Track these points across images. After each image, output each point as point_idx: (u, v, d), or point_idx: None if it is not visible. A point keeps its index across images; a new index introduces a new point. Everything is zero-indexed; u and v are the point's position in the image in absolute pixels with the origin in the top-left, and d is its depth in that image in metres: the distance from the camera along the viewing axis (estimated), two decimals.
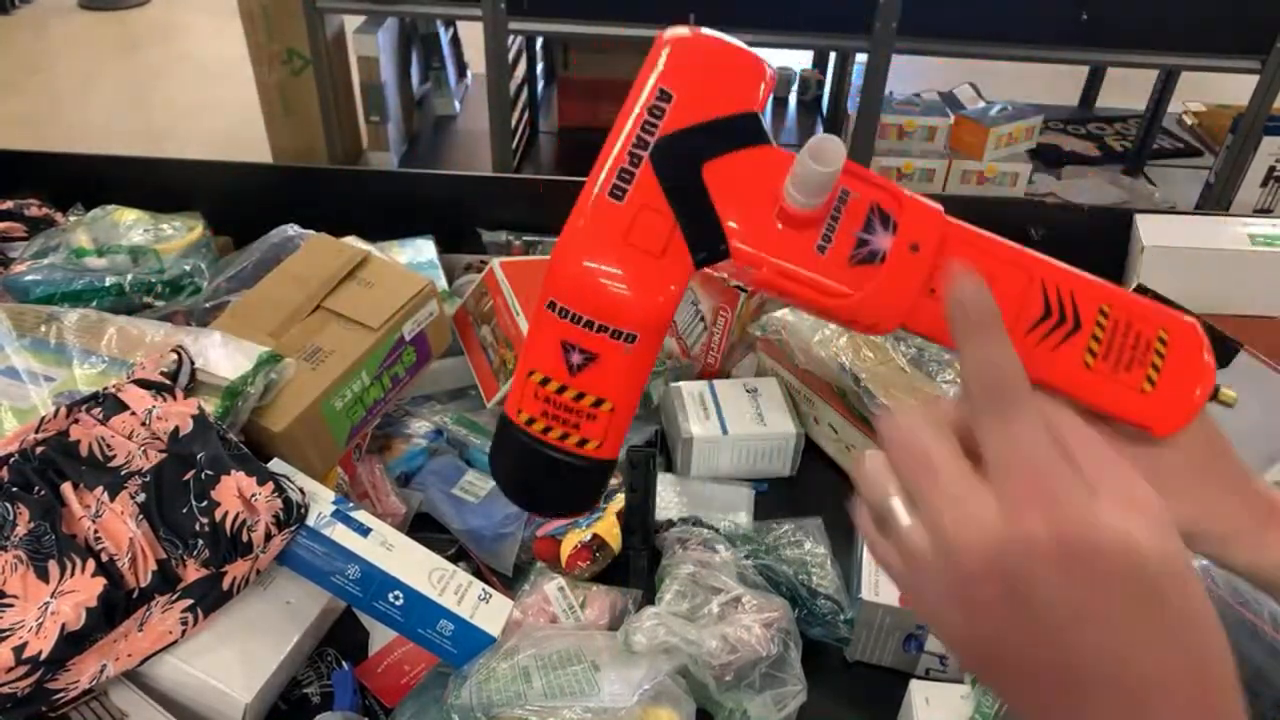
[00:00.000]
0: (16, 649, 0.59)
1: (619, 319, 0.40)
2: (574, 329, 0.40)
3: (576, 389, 0.42)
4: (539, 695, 0.66)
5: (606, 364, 0.41)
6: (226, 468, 0.68)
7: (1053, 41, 1.85)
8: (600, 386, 0.41)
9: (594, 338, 0.40)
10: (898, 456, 0.36)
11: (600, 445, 0.43)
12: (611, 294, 0.40)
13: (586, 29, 1.91)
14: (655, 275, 0.40)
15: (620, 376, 0.42)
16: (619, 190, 0.41)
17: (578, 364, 0.41)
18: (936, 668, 0.77)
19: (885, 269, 0.41)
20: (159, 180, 1.17)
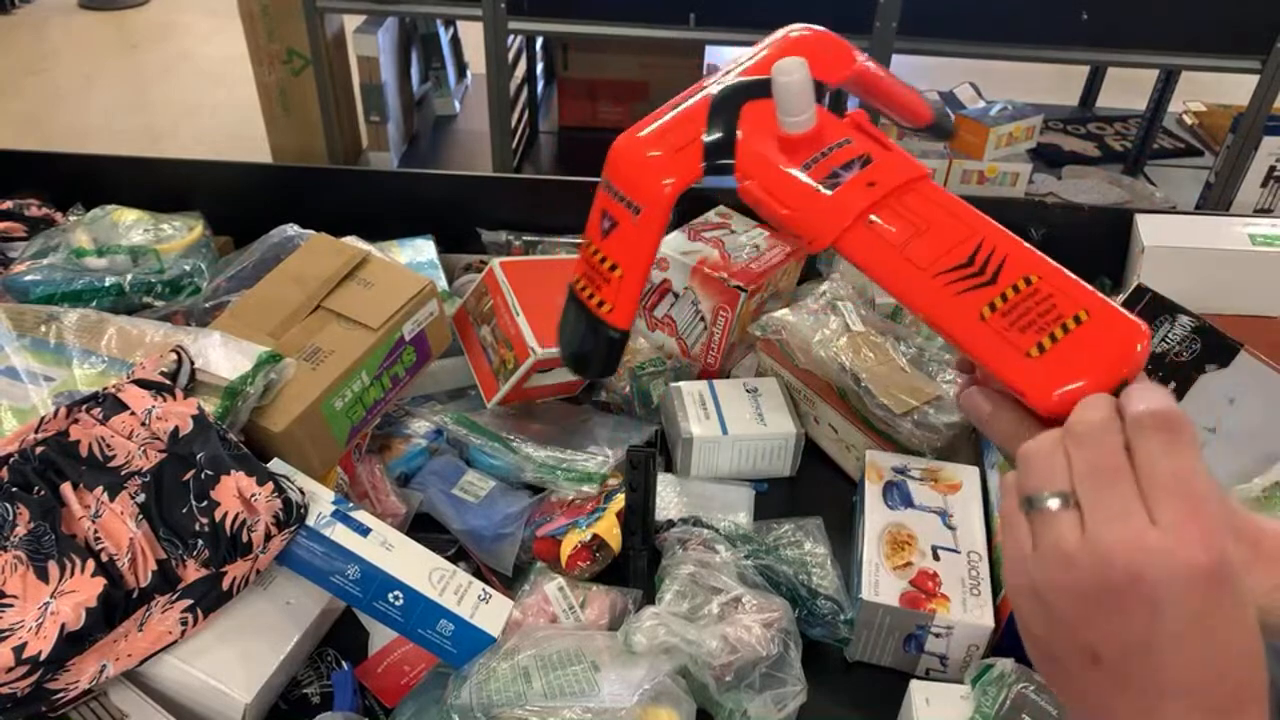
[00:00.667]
0: (16, 649, 0.59)
1: (635, 189, 0.52)
2: (610, 199, 0.53)
3: (602, 252, 0.54)
4: (539, 695, 0.66)
5: (621, 230, 0.52)
6: (226, 468, 0.68)
7: (1053, 41, 1.85)
8: (615, 250, 0.53)
9: (617, 206, 0.53)
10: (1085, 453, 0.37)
11: (612, 310, 0.54)
12: (637, 166, 0.52)
13: (586, 29, 1.91)
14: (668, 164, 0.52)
15: (627, 243, 0.53)
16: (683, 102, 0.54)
17: (605, 229, 0.53)
18: (936, 668, 0.77)
19: (838, 192, 0.49)
20: (159, 180, 1.17)
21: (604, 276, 0.53)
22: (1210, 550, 0.34)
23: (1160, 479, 0.35)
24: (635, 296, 0.54)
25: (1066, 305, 0.43)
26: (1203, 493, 0.35)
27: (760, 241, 1.06)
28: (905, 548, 0.78)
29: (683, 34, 1.86)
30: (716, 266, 1.01)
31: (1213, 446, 0.85)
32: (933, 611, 0.74)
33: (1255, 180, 2.08)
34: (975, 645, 0.75)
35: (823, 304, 1.00)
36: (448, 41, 2.61)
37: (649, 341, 1.06)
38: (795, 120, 0.50)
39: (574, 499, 0.86)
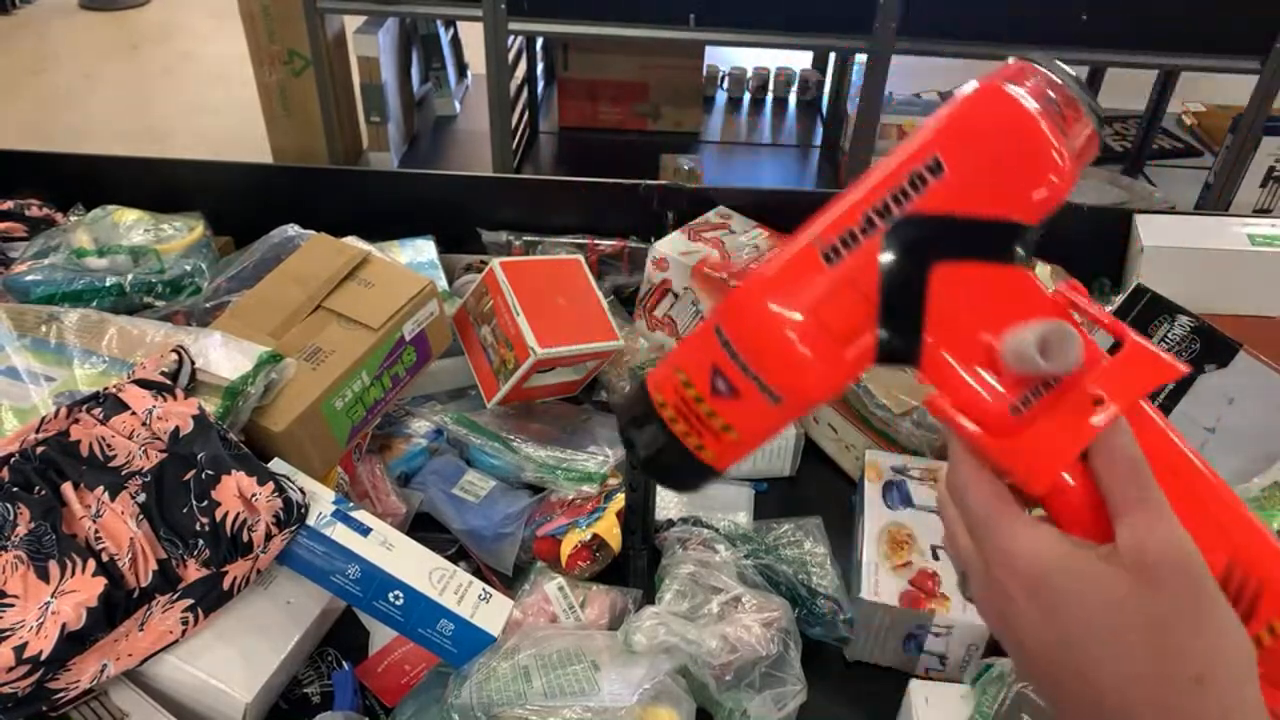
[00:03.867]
0: (17, 649, 0.59)
1: (775, 378, 0.38)
2: (729, 362, 0.39)
3: (711, 407, 0.40)
4: (539, 695, 0.66)
5: (746, 405, 0.39)
6: (227, 468, 0.68)
7: (1053, 41, 1.85)
8: (733, 418, 0.40)
9: (744, 380, 0.39)
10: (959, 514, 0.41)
11: (715, 458, 0.42)
12: (778, 354, 0.37)
13: (586, 29, 1.91)
14: (829, 358, 0.37)
15: (755, 421, 0.40)
16: (834, 253, 0.37)
17: (720, 389, 0.40)
18: (936, 668, 0.77)
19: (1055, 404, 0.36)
20: (159, 180, 1.17)
21: (712, 431, 0.41)
22: None
23: None
24: (749, 452, 0.43)
25: None
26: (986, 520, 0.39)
27: (760, 241, 1.06)
28: (905, 547, 0.78)
29: (683, 34, 1.86)
30: (716, 266, 1.01)
31: (1212, 446, 0.85)
32: (932, 611, 0.74)
33: (1254, 180, 2.08)
34: (975, 645, 0.75)
35: None
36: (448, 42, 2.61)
37: (649, 341, 1.07)
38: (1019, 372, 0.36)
39: (574, 499, 0.86)
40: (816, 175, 2.44)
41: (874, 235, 0.36)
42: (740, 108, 2.73)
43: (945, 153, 0.35)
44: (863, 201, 0.36)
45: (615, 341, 0.97)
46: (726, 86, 2.75)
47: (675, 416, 0.42)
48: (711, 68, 2.67)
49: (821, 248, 0.37)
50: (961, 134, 0.36)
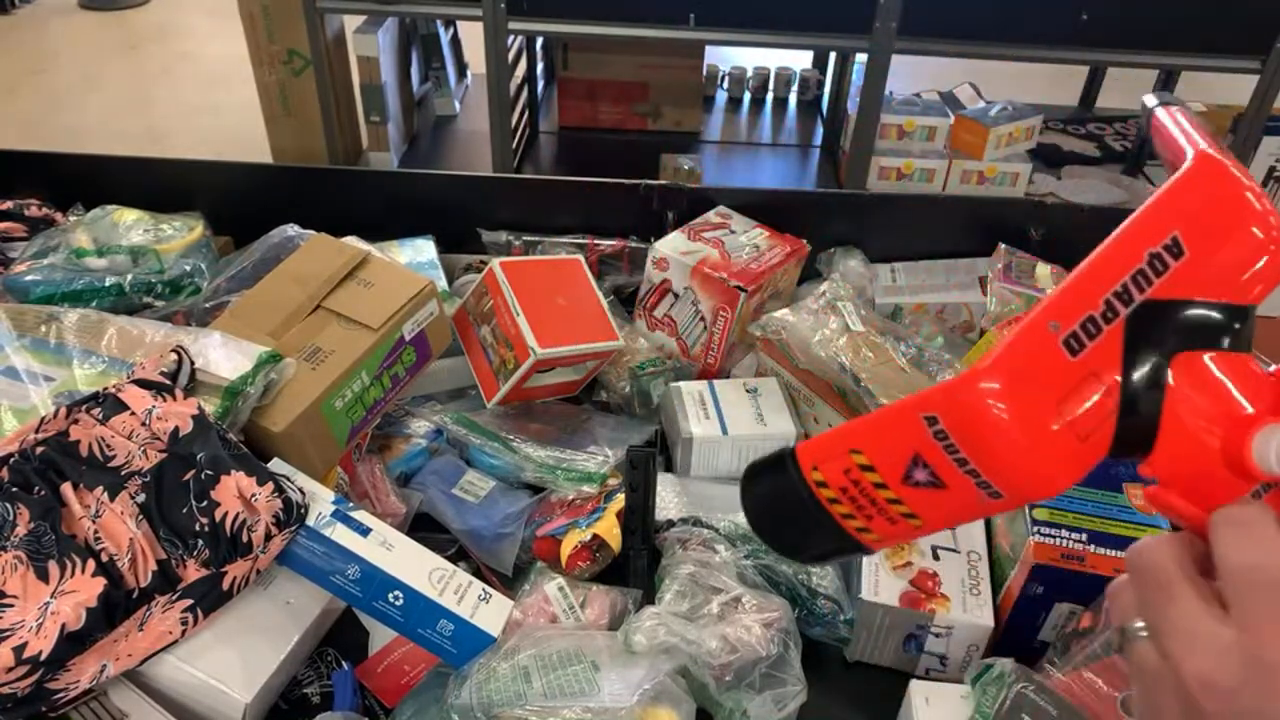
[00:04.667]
0: (17, 649, 0.59)
1: (1005, 477, 0.34)
2: (940, 454, 0.35)
3: (898, 496, 0.37)
4: (539, 695, 0.66)
5: (949, 498, 0.35)
6: (226, 468, 0.68)
7: (1053, 41, 1.85)
8: (925, 508, 0.36)
9: (957, 475, 0.35)
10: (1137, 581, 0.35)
11: (878, 540, 0.39)
12: (1016, 454, 0.33)
13: (586, 29, 1.91)
14: (1070, 457, 0.34)
15: (955, 512, 0.36)
16: (1076, 343, 0.33)
17: (916, 480, 0.36)
18: (936, 668, 0.77)
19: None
20: (159, 180, 1.17)
21: (888, 518, 0.37)
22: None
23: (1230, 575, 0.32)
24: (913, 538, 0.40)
25: None
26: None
27: (760, 241, 1.06)
28: (905, 547, 0.78)
29: (683, 34, 1.86)
30: (716, 266, 1.01)
31: None
32: (932, 611, 0.74)
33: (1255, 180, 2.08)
34: (975, 645, 0.75)
35: (823, 304, 1.00)
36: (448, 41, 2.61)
37: (649, 341, 1.07)
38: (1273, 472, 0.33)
39: (574, 499, 0.86)
40: (816, 175, 2.44)
41: (1115, 323, 0.33)
42: (740, 108, 2.72)
43: (1185, 233, 0.34)
44: (1101, 284, 0.34)
45: (615, 341, 0.97)
46: (726, 86, 2.75)
47: (839, 498, 0.38)
48: (711, 67, 2.67)
49: (1063, 336, 0.33)
50: (1198, 213, 0.34)
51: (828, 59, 2.73)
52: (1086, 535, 0.71)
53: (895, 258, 1.17)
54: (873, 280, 1.13)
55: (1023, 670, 0.68)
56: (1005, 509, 0.36)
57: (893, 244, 1.16)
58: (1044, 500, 0.36)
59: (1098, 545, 0.71)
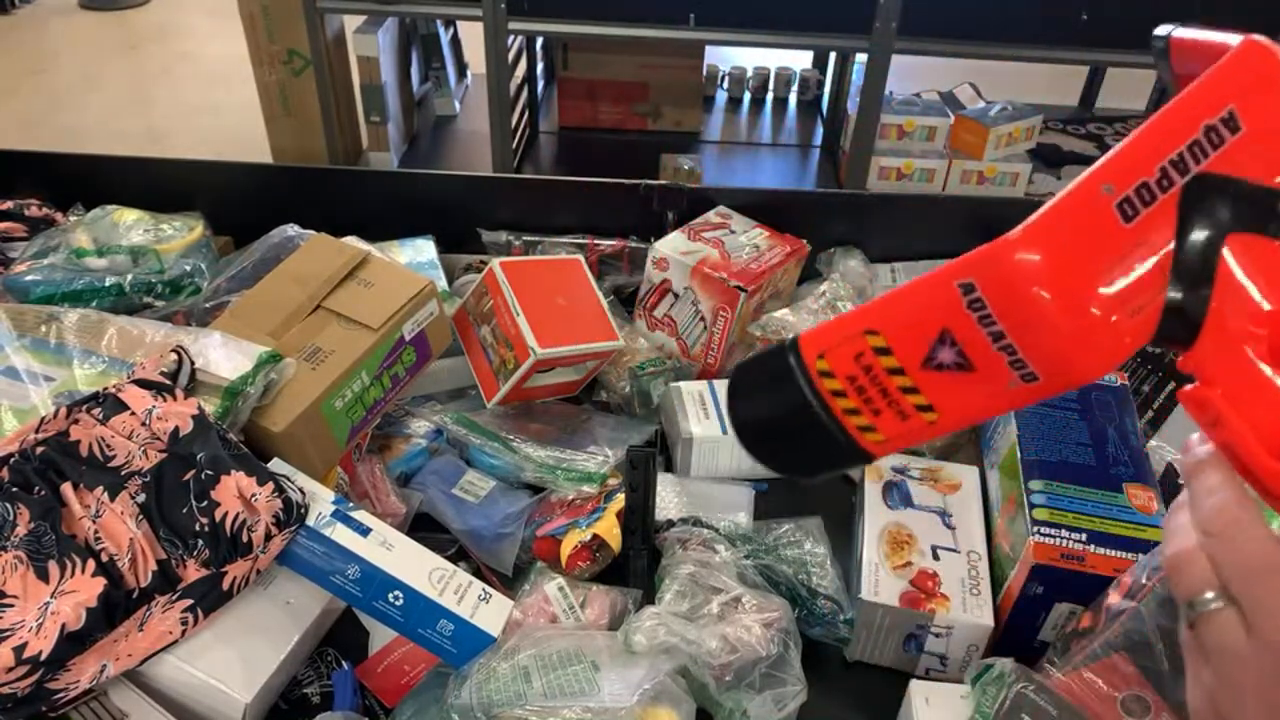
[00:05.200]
0: (17, 649, 0.59)
1: (1045, 353, 0.31)
2: (974, 327, 0.32)
3: (915, 382, 0.34)
4: (539, 695, 0.66)
5: (976, 382, 0.33)
6: (226, 468, 0.68)
7: (1053, 41, 1.85)
8: (944, 397, 0.34)
9: (990, 352, 0.32)
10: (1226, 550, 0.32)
11: (883, 442, 0.36)
12: (1061, 325, 0.31)
13: (586, 29, 1.91)
14: (1116, 331, 0.31)
15: (978, 401, 0.33)
16: (1131, 209, 0.31)
17: (942, 361, 0.33)
18: (936, 668, 0.77)
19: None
20: (159, 180, 1.17)
21: (899, 410, 0.34)
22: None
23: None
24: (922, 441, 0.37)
25: None
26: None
27: (760, 241, 1.06)
28: (905, 547, 0.78)
29: (683, 34, 1.87)
30: (716, 266, 1.01)
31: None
32: (932, 611, 0.74)
33: None
34: (975, 645, 0.75)
35: (823, 304, 1.00)
36: (448, 41, 2.61)
37: (649, 341, 1.07)
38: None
39: (574, 499, 0.86)
40: (816, 175, 2.44)
41: (1171, 191, 0.32)
42: (740, 108, 2.73)
43: (1241, 109, 0.32)
44: (1157, 152, 0.32)
45: (615, 341, 0.97)
46: (726, 86, 2.75)
47: (845, 390, 0.35)
48: (711, 67, 2.67)
49: (1117, 200, 0.31)
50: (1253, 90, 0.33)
51: (828, 59, 2.73)
52: (1086, 535, 0.71)
53: (895, 258, 1.17)
54: (873, 280, 1.13)
55: (1023, 670, 0.68)
56: (1035, 397, 0.33)
57: (893, 244, 1.16)
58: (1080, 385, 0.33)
59: (1098, 545, 0.71)
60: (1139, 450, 0.83)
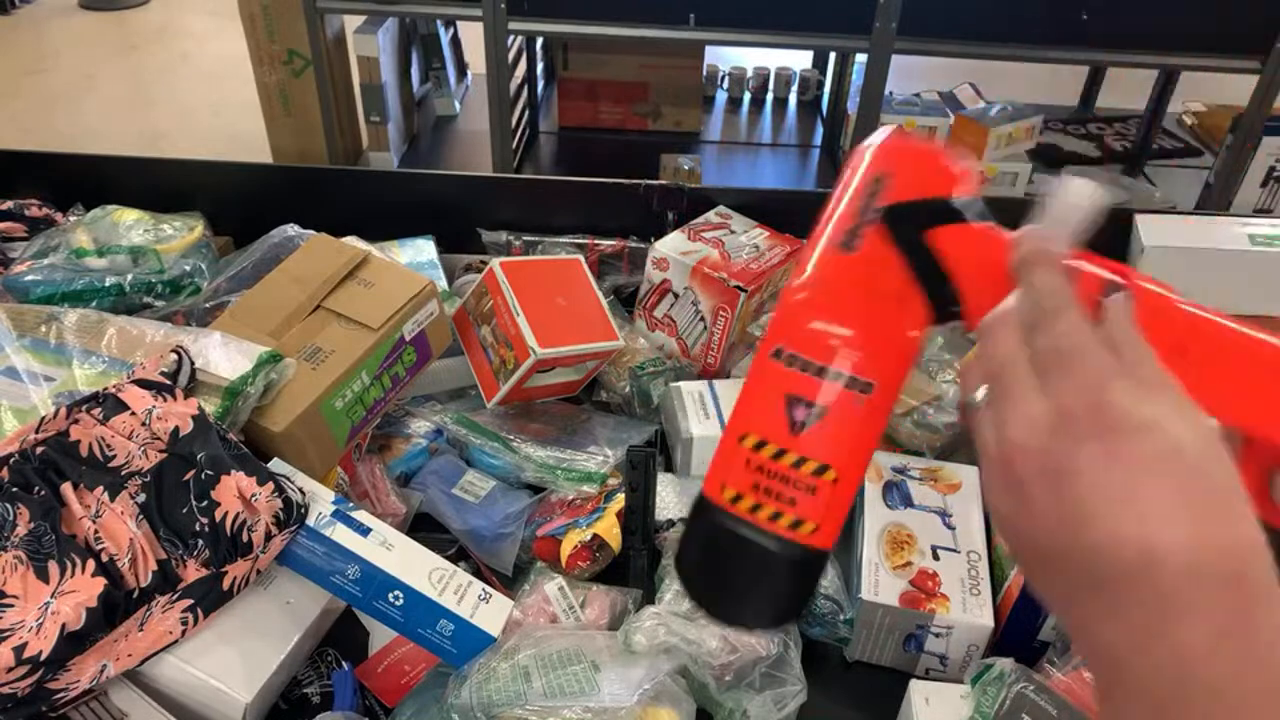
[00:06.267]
0: (17, 649, 0.59)
1: (856, 364, 0.37)
2: (803, 378, 0.37)
3: (798, 453, 0.37)
4: (539, 695, 0.66)
5: (836, 419, 0.37)
6: (226, 468, 0.68)
7: (1053, 42, 1.85)
8: (825, 448, 0.37)
9: (826, 386, 0.37)
10: (983, 354, 0.37)
11: (816, 529, 0.38)
12: (849, 338, 0.37)
13: (586, 29, 1.91)
14: (894, 317, 0.38)
15: (849, 435, 0.37)
16: (851, 244, 0.40)
17: (802, 421, 0.37)
18: (936, 668, 0.77)
19: None
20: (159, 180, 1.17)
21: (805, 486, 0.37)
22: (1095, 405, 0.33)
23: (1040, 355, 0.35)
24: (848, 507, 0.39)
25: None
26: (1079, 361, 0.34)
27: (760, 241, 1.06)
28: (905, 547, 0.78)
29: (683, 34, 1.86)
30: (716, 266, 1.01)
31: None
32: (932, 611, 0.74)
33: (1255, 180, 2.08)
34: (975, 645, 0.75)
35: None
36: (448, 42, 2.61)
37: (649, 341, 1.07)
38: None
39: (574, 499, 0.86)
40: (816, 175, 2.44)
41: (874, 223, 0.40)
42: (740, 108, 2.72)
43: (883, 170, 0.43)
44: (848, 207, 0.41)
45: (615, 341, 0.97)
46: (726, 86, 2.75)
47: (757, 500, 0.38)
48: (711, 67, 2.67)
49: (838, 242, 0.40)
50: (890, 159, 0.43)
51: (828, 59, 2.73)
52: None
53: None
54: None
55: (1023, 670, 0.68)
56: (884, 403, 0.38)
57: None
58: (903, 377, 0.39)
59: None
60: None
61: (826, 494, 0.38)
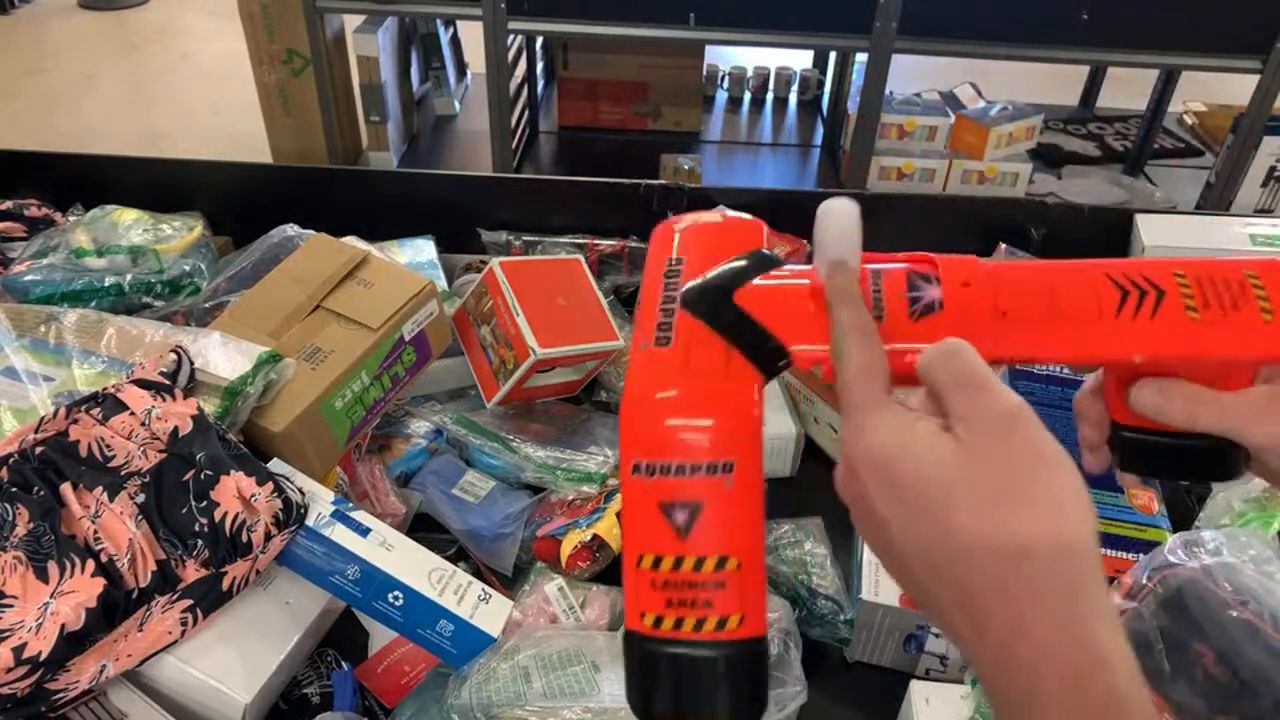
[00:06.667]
0: (16, 649, 0.59)
1: (708, 449, 0.37)
2: (667, 483, 0.37)
3: (693, 555, 0.37)
4: (539, 695, 0.66)
5: (712, 509, 0.37)
6: (226, 468, 0.68)
7: (1053, 41, 1.85)
8: (716, 540, 0.37)
9: (691, 483, 0.37)
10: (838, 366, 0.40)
11: (743, 619, 0.38)
12: (692, 426, 0.38)
13: (586, 29, 1.91)
14: (728, 394, 0.39)
15: (732, 520, 0.38)
16: (663, 338, 0.41)
17: (683, 523, 0.37)
18: (936, 668, 0.77)
19: (948, 308, 0.41)
20: (159, 180, 1.17)
21: (713, 583, 0.37)
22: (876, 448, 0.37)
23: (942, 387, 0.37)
24: (764, 586, 0.39)
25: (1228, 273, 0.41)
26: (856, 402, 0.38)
27: None
28: None
29: (683, 34, 1.86)
30: None
31: None
32: None
33: (1255, 180, 2.08)
34: None
35: None
36: (447, 41, 2.61)
37: None
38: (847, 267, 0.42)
39: (574, 499, 0.86)
40: (816, 175, 2.44)
41: (675, 312, 0.42)
42: (740, 107, 2.72)
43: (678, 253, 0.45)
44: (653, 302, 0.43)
45: (615, 341, 0.97)
46: (726, 86, 2.75)
47: (676, 616, 0.38)
48: (711, 67, 2.67)
49: (653, 341, 0.41)
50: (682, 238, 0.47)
51: (828, 59, 2.73)
52: None
53: None
54: None
55: None
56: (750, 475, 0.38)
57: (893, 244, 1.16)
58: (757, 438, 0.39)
59: None
60: None
61: (736, 583, 0.38)
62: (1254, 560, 0.64)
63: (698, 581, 0.37)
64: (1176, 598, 0.64)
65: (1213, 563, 0.64)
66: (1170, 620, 0.63)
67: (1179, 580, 0.64)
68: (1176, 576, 0.64)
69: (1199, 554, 0.65)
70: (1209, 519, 0.80)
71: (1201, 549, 0.65)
